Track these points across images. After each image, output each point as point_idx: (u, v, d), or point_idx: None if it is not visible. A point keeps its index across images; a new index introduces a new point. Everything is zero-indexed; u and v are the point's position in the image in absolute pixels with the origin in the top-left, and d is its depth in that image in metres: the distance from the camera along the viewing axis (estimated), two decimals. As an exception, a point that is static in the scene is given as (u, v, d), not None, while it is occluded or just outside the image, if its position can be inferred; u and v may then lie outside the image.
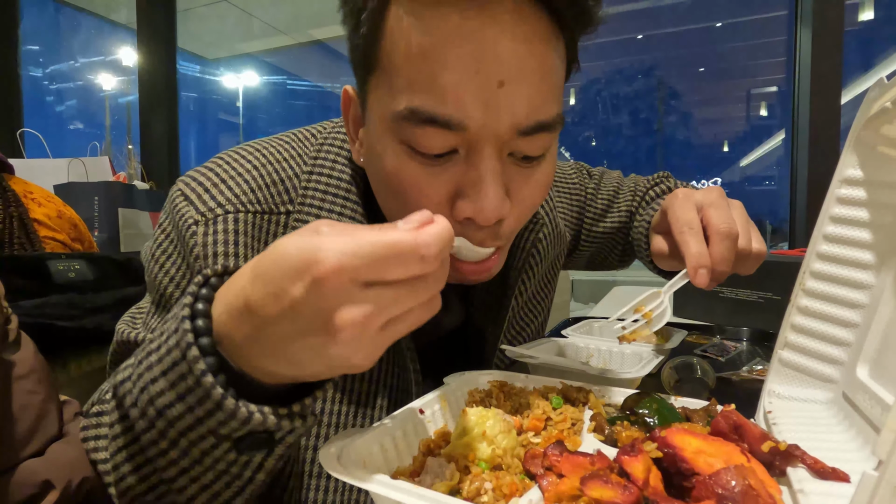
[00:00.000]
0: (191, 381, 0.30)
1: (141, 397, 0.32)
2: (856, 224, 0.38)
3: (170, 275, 0.47)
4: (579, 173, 0.80)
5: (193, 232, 0.45)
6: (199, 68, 8.12)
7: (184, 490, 0.34)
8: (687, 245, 0.47)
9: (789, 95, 1.74)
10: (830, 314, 0.39)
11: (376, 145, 0.43)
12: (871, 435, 0.32)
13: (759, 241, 0.50)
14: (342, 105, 0.51)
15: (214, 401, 0.29)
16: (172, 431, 0.32)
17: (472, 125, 0.38)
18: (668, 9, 7.74)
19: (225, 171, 0.50)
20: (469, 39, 0.37)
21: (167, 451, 0.33)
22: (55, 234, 1.09)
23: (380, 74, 0.41)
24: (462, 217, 0.42)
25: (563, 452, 0.32)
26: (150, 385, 0.32)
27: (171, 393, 0.31)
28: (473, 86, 0.37)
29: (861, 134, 0.38)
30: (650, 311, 0.49)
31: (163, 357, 0.31)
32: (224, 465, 0.33)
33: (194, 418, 0.31)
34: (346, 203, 0.50)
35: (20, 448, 0.34)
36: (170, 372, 0.31)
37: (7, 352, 0.36)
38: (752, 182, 10.59)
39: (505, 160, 0.41)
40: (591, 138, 12.51)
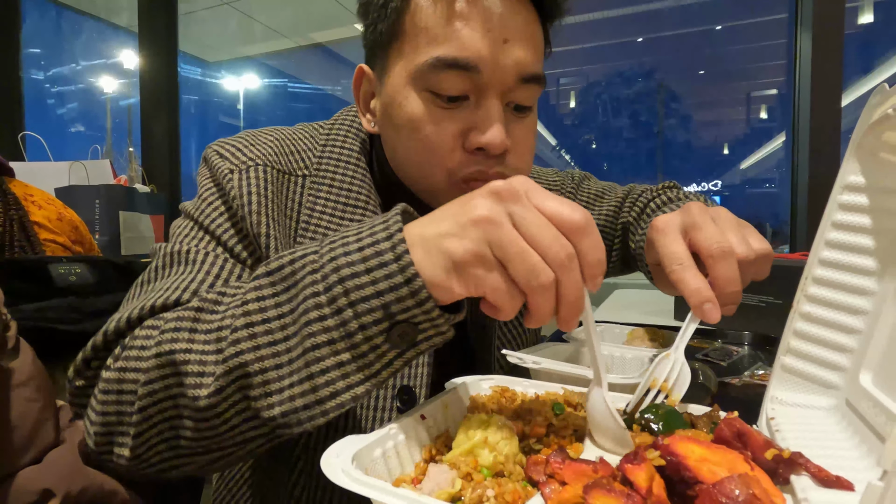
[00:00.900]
0: (389, 256, 0.34)
1: (327, 265, 0.35)
2: (858, 230, 0.38)
3: (218, 209, 0.54)
4: (562, 176, 0.81)
5: (229, 179, 0.54)
6: (200, 71, 8.14)
7: (321, 359, 0.35)
8: (683, 283, 0.43)
9: (790, 98, 1.74)
10: (833, 320, 0.39)
11: (397, 97, 0.52)
12: (874, 443, 0.32)
13: (759, 239, 0.46)
14: (354, 81, 0.59)
15: (405, 276, 0.34)
16: (344, 299, 0.35)
17: (485, 69, 0.49)
18: (669, 12, 7.76)
19: (250, 140, 0.58)
20: (482, 6, 0.49)
21: (326, 318, 0.35)
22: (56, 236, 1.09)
23: (404, 39, 0.51)
24: (474, 147, 0.51)
25: (565, 460, 0.32)
26: (341, 257, 0.35)
27: (364, 265, 0.34)
28: (486, 41, 0.49)
29: (863, 140, 0.37)
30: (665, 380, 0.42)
31: (361, 242, 0.35)
32: (367, 347, 0.35)
33: (376, 290, 0.34)
34: (357, 168, 0.59)
35: (18, 456, 0.34)
36: (369, 249, 0.35)
37: (6, 359, 0.36)
38: (752, 185, 10.60)
39: (504, 108, 0.52)
40: (591, 141, 12.52)
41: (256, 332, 0.37)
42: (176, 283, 0.45)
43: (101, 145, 2.05)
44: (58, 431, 0.38)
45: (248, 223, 0.52)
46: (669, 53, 11.23)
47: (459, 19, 0.49)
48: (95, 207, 1.64)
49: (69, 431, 0.39)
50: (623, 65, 11.68)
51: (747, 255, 0.44)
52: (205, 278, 0.47)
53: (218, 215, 0.54)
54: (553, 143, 11.55)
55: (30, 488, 0.33)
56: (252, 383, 0.37)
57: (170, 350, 0.38)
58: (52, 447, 0.37)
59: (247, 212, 0.52)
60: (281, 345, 0.37)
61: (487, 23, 0.49)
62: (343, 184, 0.57)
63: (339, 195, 0.57)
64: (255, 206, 0.53)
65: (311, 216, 0.56)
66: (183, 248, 0.50)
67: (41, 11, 6.11)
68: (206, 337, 0.39)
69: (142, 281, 0.50)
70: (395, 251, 0.34)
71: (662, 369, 0.43)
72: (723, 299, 0.42)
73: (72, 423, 0.41)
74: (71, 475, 0.35)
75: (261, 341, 0.37)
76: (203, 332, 0.39)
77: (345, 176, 0.58)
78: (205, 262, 0.49)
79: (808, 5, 1.60)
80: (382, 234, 0.35)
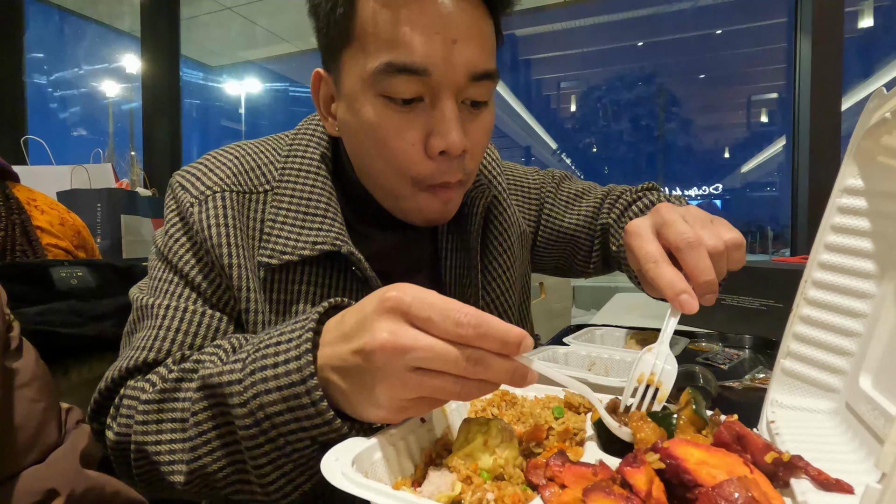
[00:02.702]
0: (305, 400, 0.38)
1: (252, 403, 0.39)
2: (857, 233, 0.39)
3: (184, 245, 0.56)
4: (541, 174, 0.82)
5: (191, 213, 0.56)
6: (201, 75, 8.18)
7: (265, 475, 0.42)
8: (657, 278, 0.44)
9: (790, 102, 1.75)
10: (833, 323, 0.39)
11: (355, 104, 0.52)
12: (874, 446, 0.32)
13: (728, 229, 0.46)
14: (312, 86, 0.59)
15: (325, 420, 0.37)
16: (273, 432, 0.40)
17: (435, 72, 0.49)
18: (669, 16, 7.79)
19: (211, 163, 0.60)
20: (428, 9, 0.48)
21: (263, 445, 0.40)
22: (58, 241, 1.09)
23: (355, 45, 0.51)
24: (436, 152, 0.51)
25: (565, 463, 0.32)
26: (263, 395, 0.39)
27: (283, 405, 0.38)
28: (435, 43, 0.49)
29: (861, 144, 0.38)
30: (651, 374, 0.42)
31: (280, 376, 0.38)
32: (306, 459, 0.41)
33: (299, 427, 0.39)
34: (317, 177, 0.59)
35: (22, 456, 0.34)
36: (286, 390, 0.38)
37: (9, 360, 0.36)
38: (752, 188, 10.60)
39: (460, 106, 0.52)
40: (591, 145, 12.54)
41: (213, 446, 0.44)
42: (143, 343, 0.52)
43: (103, 149, 2.05)
44: (61, 432, 0.38)
45: (212, 256, 0.54)
46: (670, 57, 11.27)
47: (407, 23, 0.48)
48: (97, 211, 1.64)
49: (74, 433, 0.40)
50: (624, 69, 11.71)
51: (716, 245, 0.44)
52: (166, 334, 0.52)
53: (184, 251, 0.56)
54: (554, 146, 11.56)
55: (34, 488, 0.33)
56: (216, 479, 0.44)
57: (143, 441, 0.47)
58: (54, 447, 0.37)
59: (210, 245, 0.54)
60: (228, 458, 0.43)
61: (435, 25, 0.48)
62: (303, 194, 0.58)
63: (298, 205, 0.57)
64: (216, 239, 0.54)
65: (272, 228, 0.56)
66: (150, 301, 0.55)
67: (44, 16, 6.15)
68: (171, 436, 0.46)
69: (126, 332, 0.57)
70: (310, 396, 0.37)
71: (647, 363, 0.43)
72: (699, 290, 0.43)
73: (77, 426, 0.41)
74: (75, 475, 0.36)
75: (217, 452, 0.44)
76: (168, 431, 0.46)
77: (304, 185, 0.58)
78: (167, 317, 0.53)
79: (808, 9, 1.61)
80: (298, 376, 0.38)
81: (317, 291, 0.56)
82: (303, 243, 0.55)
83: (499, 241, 0.68)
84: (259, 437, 0.40)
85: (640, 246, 0.46)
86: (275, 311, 0.56)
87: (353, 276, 0.57)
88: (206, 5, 4.99)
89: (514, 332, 0.34)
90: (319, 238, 0.55)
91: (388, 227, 0.62)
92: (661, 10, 7.08)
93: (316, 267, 0.57)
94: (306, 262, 0.56)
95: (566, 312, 2.24)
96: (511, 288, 0.69)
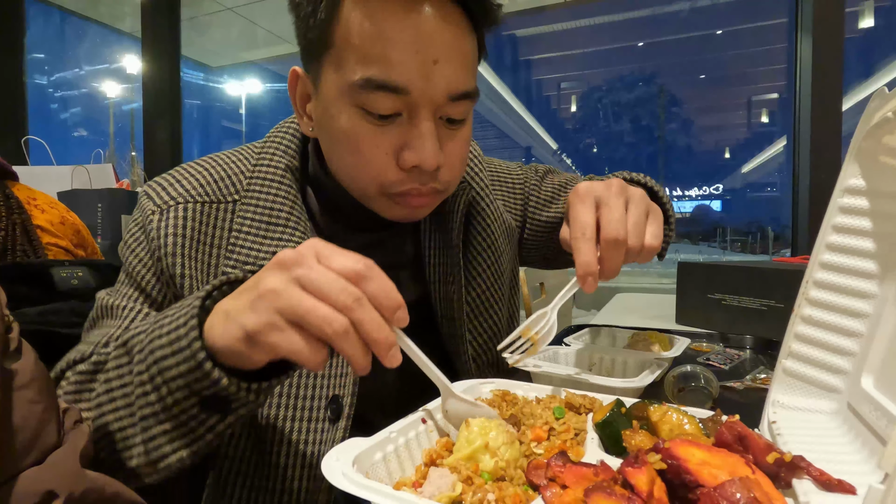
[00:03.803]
0: (184, 342, 0.39)
1: (146, 348, 0.41)
2: (858, 233, 0.38)
3: (137, 256, 0.57)
4: (525, 169, 0.82)
5: (150, 220, 0.56)
6: (202, 76, 8.19)
7: (147, 428, 0.42)
8: (577, 252, 0.50)
9: (790, 102, 1.75)
10: (834, 324, 0.39)
11: (331, 109, 0.52)
12: (876, 446, 0.32)
13: (654, 235, 0.52)
14: (290, 84, 0.59)
15: (197, 361, 0.38)
16: (159, 379, 0.41)
17: (415, 91, 0.49)
18: (669, 17, 7.79)
19: (180, 174, 0.60)
20: (411, 26, 0.48)
21: (149, 394, 0.41)
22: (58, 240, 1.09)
23: (334, 52, 0.51)
24: (409, 166, 0.52)
25: (566, 463, 0.31)
26: (156, 339, 0.41)
27: (169, 349, 0.40)
28: (415, 62, 0.48)
29: (862, 144, 0.38)
30: (535, 333, 0.51)
31: (172, 322, 0.40)
32: (186, 417, 0.41)
33: (179, 372, 0.39)
34: (280, 186, 0.59)
35: (21, 458, 0.34)
36: (172, 333, 0.40)
37: (8, 361, 0.36)
38: (753, 188, 10.61)
39: (437, 122, 0.52)
40: (592, 145, 12.54)
41: (115, 397, 0.45)
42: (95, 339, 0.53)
43: (104, 150, 2.06)
44: (60, 433, 0.38)
45: (164, 264, 0.55)
46: (670, 58, 11.27)
47: (389, 39, 0.48)
48: (98, 211, 1.64)
49: (73, 434, 0.39)
50: (624, 69, 11.72)
51: (635, 245, 0.50)
52: (115, 332, 0.52)
53: (137, 262, 0.57)
54: (554, 147, 11.56)
55: (32, 490, 0.33)
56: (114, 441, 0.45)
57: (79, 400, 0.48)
58: (54, 448, 0.37)
59: (163, 253, 0.55)
60: (124, 410, 0.44)
61: (417, 43, 0.48)
62: (266, 203, 0.58)
63: (262, 215, 0.57)
64: (171, 248, 0.55)
65: (237, 238, 0.57)
66: (109, 301, 0.56)
67: (45, 17, 6.15)
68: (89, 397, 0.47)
69: (86, 327, 0.59)
70: (188, 337, 0.39)
71: (535, 323, 0.52)
72: (603, 274, 0.51)
73: (76, 426, 0.41)
74: (74, 477, 0.35)
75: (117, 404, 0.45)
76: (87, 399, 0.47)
77: (268, 194, 0.58)
78: (121, 316, 0.55)
79: (809, 10, 1.61)
80: (183, 319, 0.40)
81: None
82: (265, 253, 0.55)
83: (482, 236, 0.69)
84: (147, 385, 0.41)
85: (580, 211, 0.51)
86: None
87: None
88: (206, 6, 4.99)
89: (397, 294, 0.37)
90: (280, 246, 0.55)
91: (367, 227, 0.63)
92: (662, 10, 7.09)
93: None
94: None
95: (567, 312, 2.24)
96: (496, 283, 0.69)
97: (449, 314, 0.66)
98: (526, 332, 0.52)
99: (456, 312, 0.65)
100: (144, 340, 0.42)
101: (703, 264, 1.39)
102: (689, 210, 25.70)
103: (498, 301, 0.70)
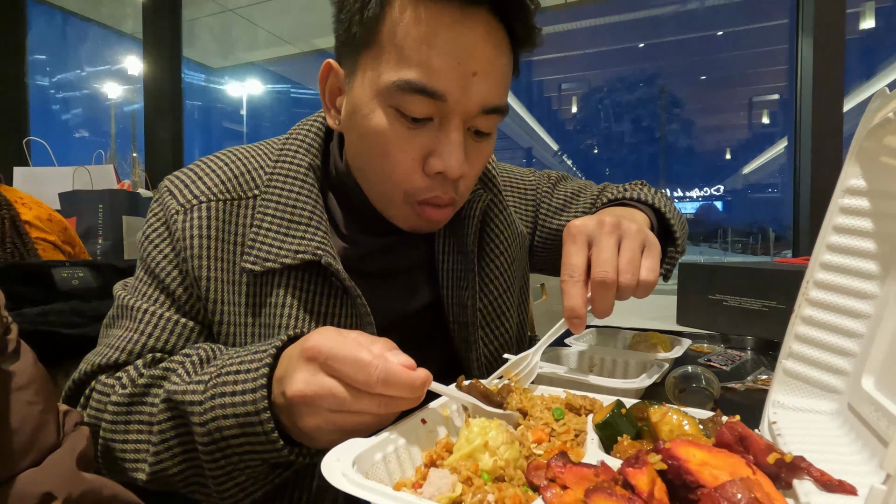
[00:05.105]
0: (258, 429, 0.42)
1: (210, 423, 0.43)
2: (859, 234, 0.38)
3: (162, 251, 0.57)
4: (538, 176, 0.82)
5: (175, 220, 0.56)
6: (203, 77, 8.20)
7: (220, 483, 0.46)
8: (567, 295, 0.50)
9: (791, 103, 1.74)
10: (835, 324, 0.39)
11: (364, 108, 0.53)
12: (877, 447, 0.31)
13: (650, 270, 0.51)
14: (321, 75, 0.59)
15: (275, 448, 0.42)
16: (229, 451, 0.44)
17: (451, 99, 0.50)
18: (670, 18, 7.79)
19: (201, 170, 0.60)
20: (456, 37, 0.49)
21: (218, 460, 0.45)
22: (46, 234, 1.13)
23: (375, 50, 0.51)
24: (434, 172, 0.53)
25: (566, 464, 0.31)
26: (221, 419, 0.43)
27: (238, 430, 0.43)
28: (456, 72, 0.49)
29: (863, 144, 0.37)
30: (516, 374, 0.53)
31: (237, 405, 0.42)
32: (256, 472, 0.46)
33: (252, 450, 0.43)
34: (304, 184, 0.59)
35: (19, 460, 0.34)
36: (241, 418, 0.42)
37: (6, 362, 0.36)
38: (754, 189, 10.60)
39: (465, 133, 0.53)
40: (593, 146, 12.54)
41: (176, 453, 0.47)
42: (118, 343, 0.54)
43: (105, 151, 2.06)
44: (59, 435, 0.38)
45: (190, 266, 0.55)
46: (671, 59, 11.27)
47: (433, 46, 0.48)
48: (99, 212, 1.64)
49: (72, 436, 0.39)
50: (625, 70, 11.72)
51: (629, 283, 0.50)
52: (139, 338, 0.54)
53: (162, 258, 0.57)
54: (555, 148, 11.56)
55: (30, 492, 0.33)
56: (175, 480, 0.48)
57: (111, 439, 0.50)
58: (52, 450, 0.37)
59: (188, 255, 0.55)
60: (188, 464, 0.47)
61: (459, 54, 0.49)
62: (289, 200, 0.58)
63: (284, 211, 0.57)
64: (197, 250, 0.55)
65: (258, 232, 0.56)
66: (130, 301, 0.57)
67: (47, 18, 6.17)
68: (137, 437, 0.49)
69: (105, 324, 0.59)
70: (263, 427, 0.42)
71: (517, 366, 0.53)
72: (595, 313, 0.51)
73: (76, 428, 0.41)
74: (72, 478, 0.35)
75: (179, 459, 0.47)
76: (134, 432, 0.50)
77: (291, 192, 0.58)
78: (142, 320, 0.55)
79: (810, 11, 1.61)
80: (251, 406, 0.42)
81: (299, 297, 0.56)
82: (285, 251, 0.55)
83: (495, 243, 0.68)
84: (216, 454, 0.44)
85: (570, 253, 0.52)
86: (253, 315, 0.56)
87: (334, 285, 0.57)
88: (207, 7, 5.00)
89: (419, 379, 0.38)
90: (301, 246, 0.55)
91: (384, 231, 0.62)
92: (663, 11, 7.08)
93: (297, 274, 0.57)
94: (288, 270, 0.56)
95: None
96: (509, 290, 0.69)
97: (462, 320, 0.65)
98: (507, 374, 0.53)
99: (469, 318, 0.65)
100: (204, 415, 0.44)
101: (704, 265, 1.39)
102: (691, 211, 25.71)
103: (510, 308, 0.69)
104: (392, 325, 0.60)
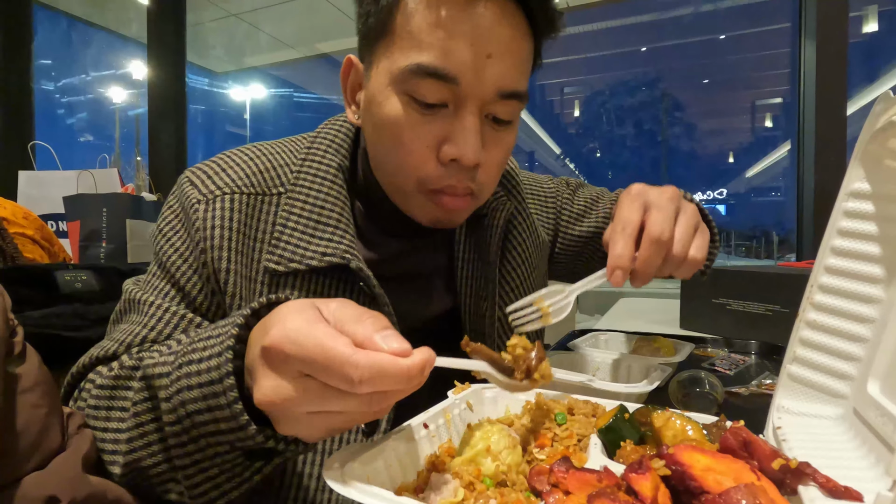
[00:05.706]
0: (222, 400, 0.35)
1: (175, 397, 0.38)
2: (864, 237, 0.38)
3: (174, 246, 0.55)
4: (557, 182, 0.82)
5: (196, 210, 0.54)
6: (207, 81, 8.24)
7: (190, 476, 0.40)
8: (613, 244, 0.49)
9: (794, 107, 1.74)
10: (839, 328, 0.39)
11: (378, 96, 0.52)
12: (883, 452, 0.31)
13: (699, 248, 0.51)
14: (342, 71, 0.58)
15: (239, 425, 0.35)
16: (195, 431, 0.38)
17: (464, 82, 0.49)
18: (672, 21, 7.80)
19: (225, 163, 0.59)
20: (469, 19, 0.48)
21: (186, 444, 0.39)
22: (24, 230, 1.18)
23: (391, 38, 0.51)
24: (448, 159, 0.51)
25: (569, 469, 0.31)
26: (185, 391, 0.37)
27: (203, 404, 0.36)
28: (469, 53, 0.48)
29: (867, 147, 0.37)
30: (548, 305, 0.50)
31: (202, 372, 0.36)
32: (230, 465, 0.39)
33: (217, 429, 0.37)
34: (332, 185, 0.58)
35: (23, 462, 0.34)
36: (206, 387, 0.36)
37: (12, 365, 0.36)
38: (757, 193, 10.57)
39: (482, 120, 0.52)
40: (595, 150, 12.54)
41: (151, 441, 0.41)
42: (120, 336, 0.51)
43: (110, 154, 2.07)
44: (63, 437, 0.38)
45: (209, 257, 0.53)
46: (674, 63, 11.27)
47: (446, 28, 0.48)
48: (103, 216, 1.65)
49: (76, 438, 0.39)
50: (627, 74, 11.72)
51: (678, 253, 0.49)
52: (141, 331, 0.51)
53: (174, 252, 0.54)
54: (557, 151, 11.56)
55: (34, 495, 0.33)
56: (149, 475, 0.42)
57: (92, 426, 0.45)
58: (56, 453, 0.37)
59: (209, 246, 0.53)
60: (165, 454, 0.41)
61: (473, 35, 0.48)
62: (317, 201, 0.57)
63: (311, 212, 0.56)
64: (218, 241, 0.53)
65: (282, 232, 0.55)
66: (139, 295, 0.54)
67: (52, 23, 6.22)
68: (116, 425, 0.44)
69: (111, 320, 0.57)
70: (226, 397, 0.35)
71: (550, 296, 0.50)
72: (636, 273, 0.49)
73: (79, 431, 0.41)
74: (76, 482, 0.35)
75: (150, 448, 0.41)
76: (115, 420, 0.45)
77: (319, 192, 0.57)
78: (148, 313, 0.52)
79: (812, 14, 1.61)
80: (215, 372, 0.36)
81: None
82: (311, 252, 0.54)
83: (518, 251, 0.67)
84: (182, 436, 0.39)
85: (626, 206, 0.51)
86: None
87: (361, 290, 0.56)
88: (211, 12, 5.03)
89: (415, 367, 0.30)
90: (329, 249, 0.54)
91: (403, 234, 0.62)
92: (665, 15, 7.09)
93: (322, 278, 0.55)
94: (313, 272, 0.55)
95: (570, 318, 2.23)
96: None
97: (479, 329, 0.64)
98: (539, 302, 0.50)
99: (487, 329, 0.63)
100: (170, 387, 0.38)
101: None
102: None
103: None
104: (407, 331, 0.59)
